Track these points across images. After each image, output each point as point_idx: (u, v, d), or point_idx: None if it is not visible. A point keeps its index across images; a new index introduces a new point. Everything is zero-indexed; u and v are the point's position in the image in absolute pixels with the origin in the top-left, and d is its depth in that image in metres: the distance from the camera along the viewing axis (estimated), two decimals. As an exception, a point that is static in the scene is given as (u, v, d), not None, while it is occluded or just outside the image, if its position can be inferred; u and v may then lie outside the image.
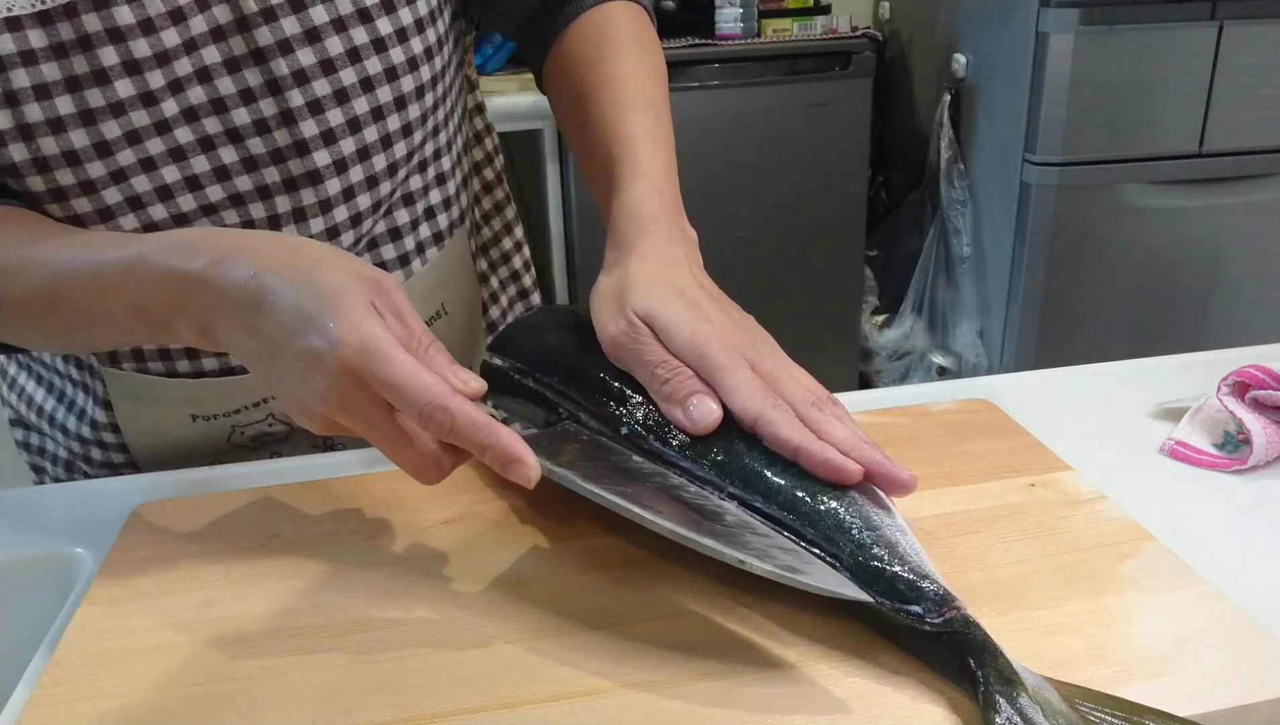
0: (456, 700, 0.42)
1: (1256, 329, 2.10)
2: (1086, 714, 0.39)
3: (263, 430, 0.68)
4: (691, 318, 0.50)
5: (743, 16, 2.11)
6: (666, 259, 0.53)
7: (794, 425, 0.47)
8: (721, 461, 0.48)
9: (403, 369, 0.42)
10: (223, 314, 0.45)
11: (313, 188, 0.60)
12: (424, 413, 0.43)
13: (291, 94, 0.57)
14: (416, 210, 0.67)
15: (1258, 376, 0.62)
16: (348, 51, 0.58)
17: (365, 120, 0.60)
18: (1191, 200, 2.00)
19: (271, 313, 0.44)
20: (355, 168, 0.61)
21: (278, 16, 0.55)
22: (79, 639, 0.47)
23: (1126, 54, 1.88)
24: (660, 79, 0.66)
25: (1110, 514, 0.53)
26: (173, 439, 0.66)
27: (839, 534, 0.45)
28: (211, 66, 0.55)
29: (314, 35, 0.57)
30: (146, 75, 0.54)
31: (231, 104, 0.56)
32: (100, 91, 0.53)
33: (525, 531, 0.53)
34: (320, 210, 0.61)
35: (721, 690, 0.42)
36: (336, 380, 0.43)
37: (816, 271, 2.27)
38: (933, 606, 0.42)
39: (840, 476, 0.46)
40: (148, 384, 0.64)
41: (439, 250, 0.70)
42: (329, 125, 0.59)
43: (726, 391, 0.48)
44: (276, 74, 0.57)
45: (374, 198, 0.63)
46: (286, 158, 0.59)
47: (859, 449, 0.47)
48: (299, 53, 0.56)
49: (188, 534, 0.55)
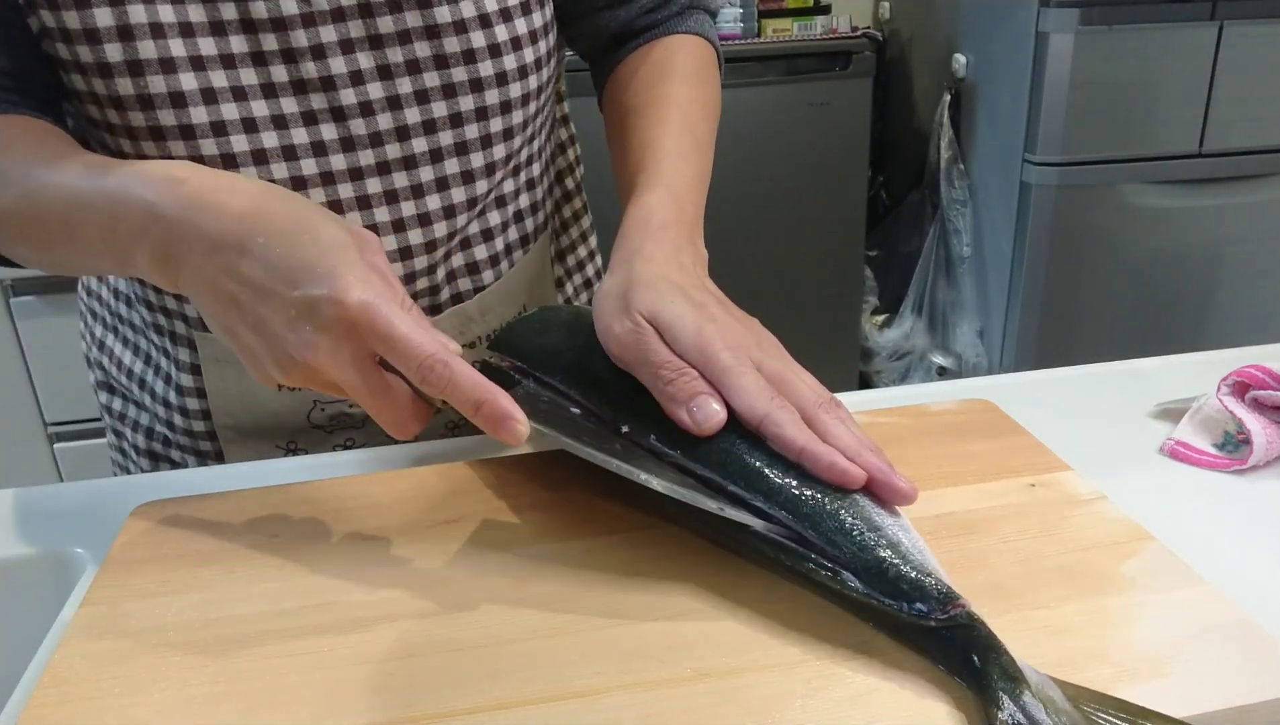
0: (456, 700, 0.42)
1: (1256, 329, 2.10)
2: (1090, 714, 0.39)
3: (342, 410, 0.69)
4: (697, 318, 0.50)
5: (743, 16, 2.11)
6: (672, 262, 0.53)
7: (799, 427, 0.47)
8: (723, 460, 0.48)
9: (405, 325, 0.43)
10: (194, 251, 0.45)
11: (405, 172, 0.61)
12: (424, 366, 0.43)
13: (401, 80, 0.58)
14: (508, 212, 0.68)
15: (1258, 376, 0.62)
16: (464, 52, 0.59)
17: (469, 117, 0.61)
18: (1191, 200, 2.00)
19: (261, 257, 0.44)
20: (451, 160, 0.62)
21: (402, 8, 0.56)
22: (79, 639, 0.47)
23: (1126, 54, 1.88)
24: (708, 112, 0.67)
25: (1110, 514, 0.53)
26: (257, 408, 0.66)
27: (841, 534, 0.45)
28: (327, 44, 0.56)
29: (434, 32, 0.57)
30: (260, 36, 0.54)
31: (340, 83, 0.57)
32: (214, 41, 0.53)
33: (525, 532, 0.53)
34: (413, 194, 0.62)
35: (721, 690, 0.42)
36: (332, 330, 0.43)
37: (816, 271, 2.27)
38: (937, 604, 0.42)
39: (844, 481, 0.46)
40: None
41: (524, 253, 0.71)
42: (431, 115, 0.59)
43: (732, 392, 0.48)
44: (390, 60, 0.57)
45: (469, 194, 0.64)
46: (385, 142, 0.60)
47: (863, 455, 0.47)
48: (416, 44, 0.57)
49: (188, 534, 0.55)
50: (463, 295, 0.68)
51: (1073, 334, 2.09)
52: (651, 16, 0.71)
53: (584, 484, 0.57)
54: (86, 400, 1.92)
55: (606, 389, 0.53)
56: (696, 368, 0.49)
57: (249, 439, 0.69)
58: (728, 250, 2.14)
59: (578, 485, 0.57)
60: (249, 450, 0.70)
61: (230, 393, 0.67)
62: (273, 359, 0.46)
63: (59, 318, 1.84)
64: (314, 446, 0.70)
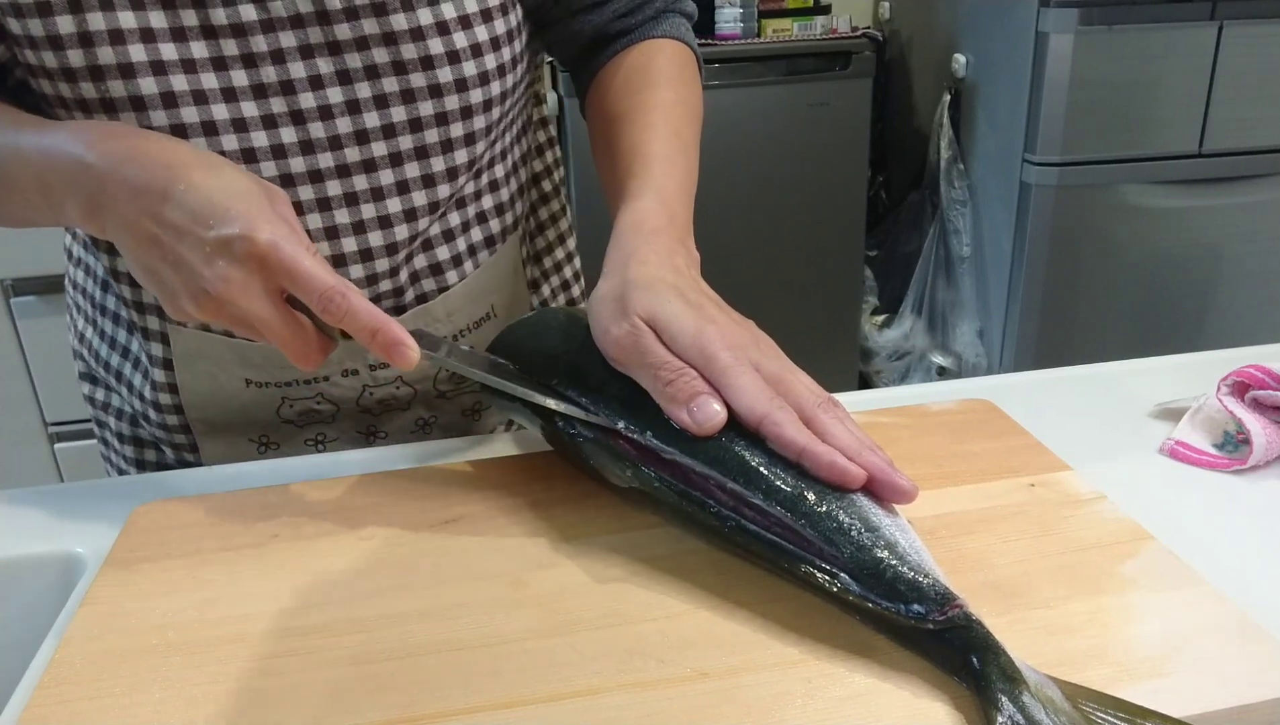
0: (457, 700, 0.42)
1: (1256, 329, 2.10)
2: (1089, 714, 0.39)
3: (311, 407, 0.70)
4: (695, 318, 0.50)
5: (743, 16, 2.11)
6: (666, 265, 0.54)
7: (798, 427, 0.47)
8: (722, 458, 0.48)
9: (308, 261, 0.48)
10: (118, 200, 0.49)
11: (365, 175, 0.62)
12: (324, 296, 0.48)
13: (360, 85, 0.59)
14: (468, 213, 0.69)
15: (1258, 376, 0.62)
16: (421, 58, 0.59)
17: (428, 122, 0.61)
18: (1191, 200, 2.00)
19: (181, 202, 0.48)
20: (411, 164, 0.63)
21: (359, 16, 0.57)
22: (79, 639, 0.47)
23: (1126, 54, 1.88)
24: (692, 116, 0.68)
25: (1110, 514, 0.53)
26: (227, 403, 0.68)
27: (839, 535, 0.45)
28: (286, 50, 0.57)
29: (390, 39, 0.58)
30: (220, 41, 0.56)
31: (300, 87, 0.58)
32: (175, 46, 0.55)
33: (525, 532, 0.53)
34: (373, 197, 0.63)
35: (721, 690, 0.42)
36: (244, 264, 0.48)
37: (816, 271, 2.27)
38: (935, 605, 0.42)
39: (844, 481, 0.46)
40: (208, 343, 0.66)
41: (490, 254, 0.71)
42: (391, 120, 0.60)
43: (732, 392, 0.48)
44: (349, 66, 0.58)
45: (430, 197, 0.64)
46: (344, 145, 0.61)
47: (863, 454, 0.47)
48: (373, 50, 0.58)
49: (188, 534, 0.55)
50: (427, 295, 0.68)
51: (1072, 334, 2.09)
52: (626, 21, 0.71)
53: (584, 484, 0.57)
54: (87, 400, 1.91)
55: (603, 390, 0.53)
56: (696, 367, 0.49)
57: (222, 433, 0.70)
58: (728, 250, 2.14)
59: (577, 485, 0.57)
60: (223, 444, 0.71)
61: (201, 388, 0.68)
62: (188, 293, 0.49)
63: (59, 318, 1.84)
64: (286, 441, 0.71)
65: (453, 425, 0.75)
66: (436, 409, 0.74)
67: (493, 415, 0.78)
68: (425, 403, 0.73)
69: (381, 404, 0.71)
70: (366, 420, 0.72)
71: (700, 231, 0.59)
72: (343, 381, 0.68)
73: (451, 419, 0.75)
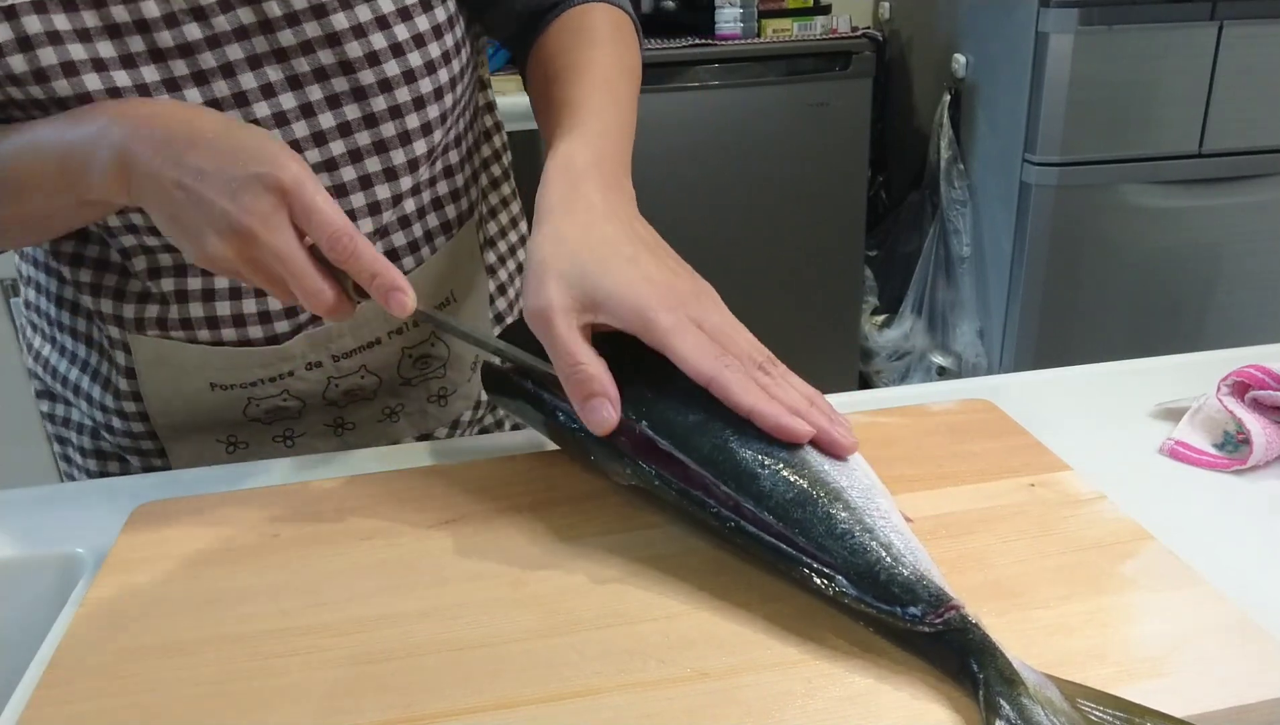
0: (457, 700, 0.42)
1: (1256, 329, 2.10)
2: (1088, 713, 0.39)
3: (277, 404, 0.70)
4: (628, 280, 0.50)
5: (743, 16, 2.11)
6: (597, 209, 0.53)
7: (746, 387, 0.48)
8: (715, 458, 0.48)
9: (325, 198, 0.50)
10: (145, 151, 0.50)
11: (328, 174, 0.63)
12: (332, 236, 0.50)
13: (311, 89, 0.59)
14: (423, 199, 0.69)
15: (1257, 376, 0.62)
16: (367, 55, 0.60)
17: (383, 116, 0.62)
18: (1191, 200, 2.00)
19: (208, 148, 0.50)
20: (372, 159, 0.63)
21: (300, 20, 0.57)
22: (79, 639, 0.47)
23: (1126, 54, 1.88)
24: (628, 73, 0.67)
25: (1110, 514, 0.53)
26: (192, 407, 0.68)
27: (832, 539, 0.45)
28: (235, 62, 0.58)
29: (334, 39, 0.59)
30: (170, 63, 0.56)
31: (253, 97, 0.59)
32: (127, 73, 0.56)
33: (525, 532, 0.53)
34: (336, 194, 0.63)
35: (721, 690, 0.42)
36: (266, 197, 0.49)
37: (816, 271, 2.27)
38: (929, 608, 0.42)
39: (791, 437, 0.48)
40: (170, 350, 0.66)
41: (447, 240, 0.72)
42: (345, 118, 0.61)
43: (677, 357, 0.49)
44: (298, 71, 0.59)
45: (394, 190, 0.65)
46: (303, 149, 0.61)
47: (810, 414, 0.49)
48: (320, 53, 0.59)
49: (188, 534, 0.55)
50: None
51: (1072, 334, 2.09)
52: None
53: (584, 484, 0.57)
54: (86, 400, 1.90)
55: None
56: (636, 333, 0.49)
57: (189, 435, 0.70)
58: (728, 250, 2.14)
59: (577, 485, 0.57)
60: (191, 447, 0.71)
61: (165, 394, 0.68)
62: (214, 230, 0.50)
63: (59, 318, 1.84)
64: (254, 439, 0.71)
65: (419, 412, 0.75)
66: (402, 396, 0.74)
67: (459, 401, 0.78)
68: (391, 391, 0.73)
69: (348, 396, 0.72)
70: (333, 412, 0.72)
71: (701, 231, 0.59)
72: (307, 375, 0.69)
73: (418, 406, 0.75)
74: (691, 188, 2.04)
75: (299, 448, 0.72)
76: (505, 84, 1.98)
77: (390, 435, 0.75)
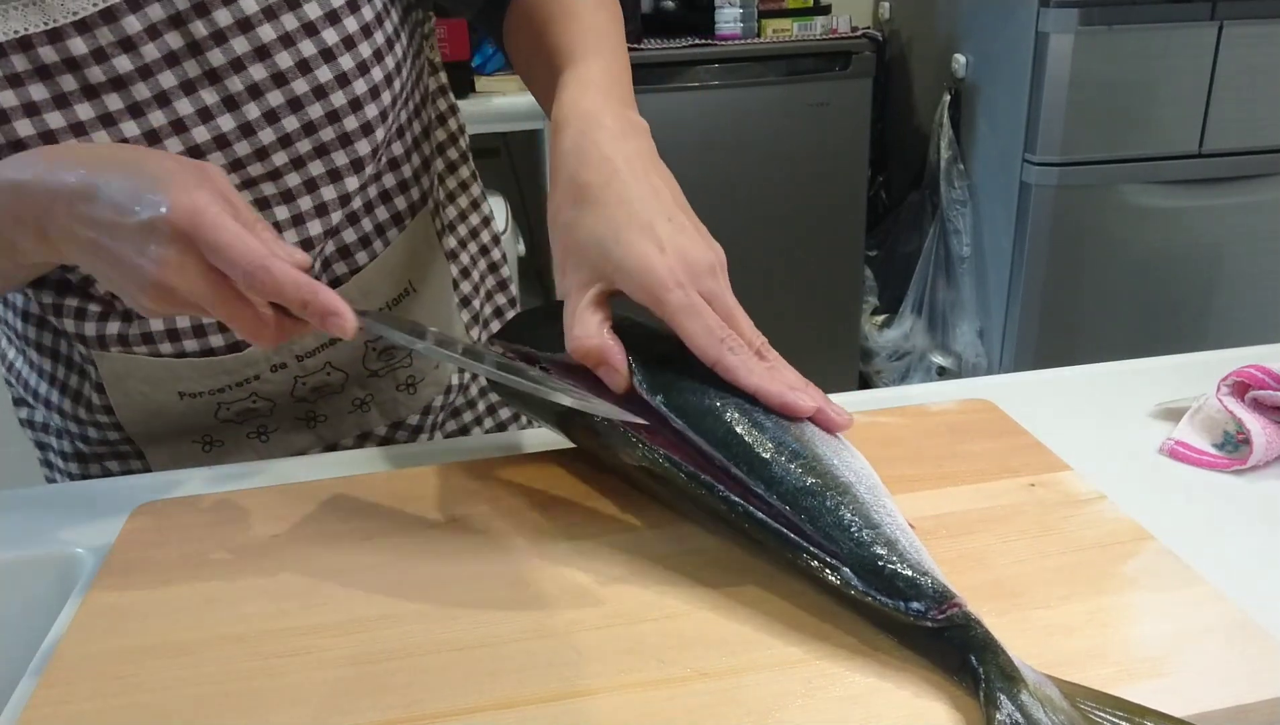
0: (457, 700, 0.42)
1: (1256, 329, 2.10)
2: (1088, 712, 0.39)
3: (247, 407, 0.70)
4: (643, 252, 0.50)
5: (743, 16, 2.11)
6: (612, 159, 0.53)
7: (750, 368, 0.50)
8: (728, 441, 0.49)
9: (229, 232, 0.46)
10: (56, 211, 0.48)
11: (273, 182, 0.62)
12: (247, 273, 0.46)
13: (248, 107, 0.59)
14: (369, 194, 0.69)
15: (1258, 376, 0.62)
16: (298, 64, 0.59)
17: (320, 123, 0.61)
18: (1191, 200, 2.00)
19: (105, 198, 0.47)
20: (314, 162, 0.63)
21: (227, 38, 0.57)
22: (79, 639, 0.47)
23: (1126, 54, 1.88)
24: (616, 20, 0.67)
25: (1110, 514, 0.53)
26: (164, 416, 0.68)
27: (839, 530, 0.45)
28: (169, 90, 0.57)
29: (264, 52, 0.58)
30: (104, 98, 0.55)
31: (190, 123, 0.58)
32: (60, 114, 0.55)
33: (525, 532, 0.53)
34: (283, 200, 0.63)
35: (721, 690, 0.42)
36: (171, 246, 0.46)
37: (816, 271, 2.27)
38: (933, 603, 0.42)
39: (795, 412, 0.50)
40: (135, 364, 0.66)
41: (400, 231, 0.71)
42: (285, 131, 0.61)
43: (684, 335, 0.50)
44: (232, 90, 0.58)
45: (339, 191, 0.65)
46: (246, 164, 0.61)
47: (810, 391, 0.51)
48: (250, 70, 0.58)
49: (188, 534, 0.55)
50: (340, 279, 0.69)
51: (1072, 334, 2.09)
52: None
53: (584, 484, 0.57)
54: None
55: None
56: (647, 307, 0.50)
57: (164, 441, 0.70)
58: (727, 250, 2.13)
59: (578, 485, 0.57)
60: (168, 449, 0.71)
61: (135, 405, 0.68)
62: (138, 287, 0.48)
63: (59, 318, 1.84)
64: (228, 438, 0.71)
65: (390, 401, 0.75)
66: (370, 388, 0.74)
67: (428, 387, 0.78)
68: (359, 383, 0.73)
69: (316, 392, 0.72)
70: (304, 407, 0.72)
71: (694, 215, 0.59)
72: (273, 377, 0.68)
73: (387, 395, 0.75)
74: (691, 188, 2.03)
75: (274, 443, 0.72)
76: (505, 84, 1.98)
77: (363, 425, 0.75)
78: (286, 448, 0.73)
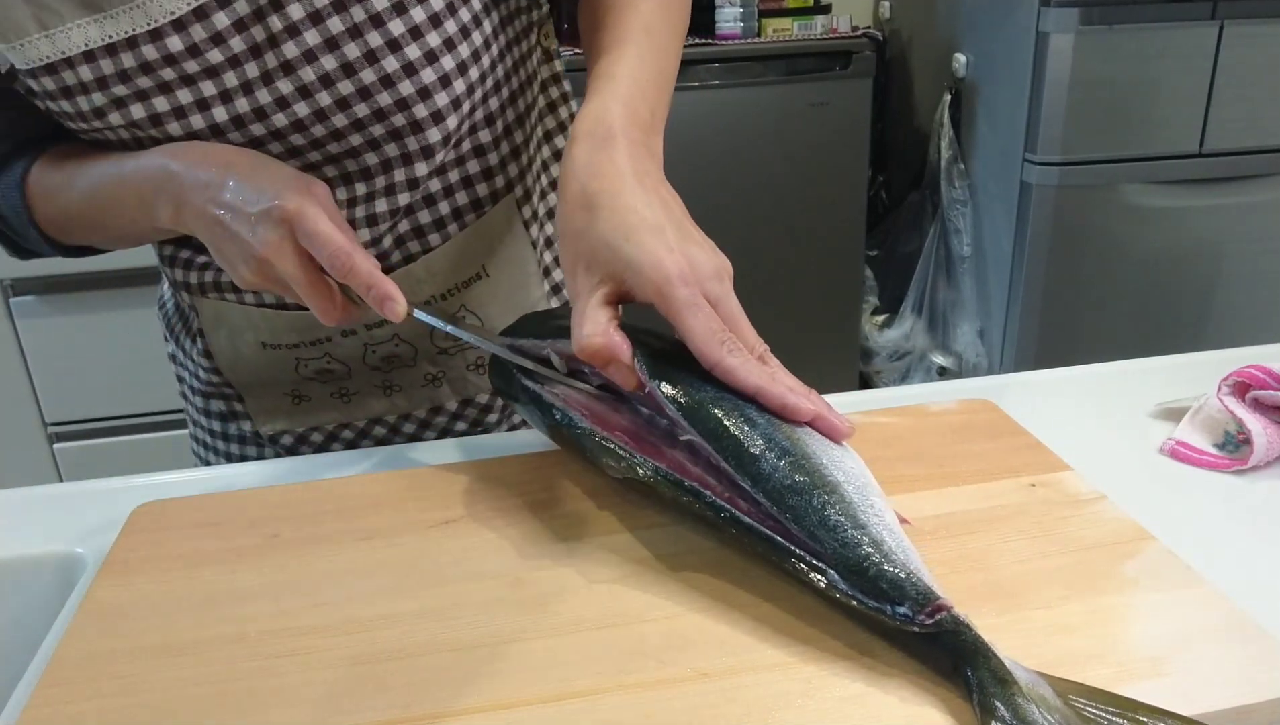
0: (456, 700, 0.42)
1: (1256, 329, 2.10)
2: (1081, 709, 0.39)
3: (324, 367, 0.74)
4: (652, 250, 0.52)
5: (743, 16, 2.11)
6: (625, 175, 0.55)
7: (750, 368, 0.51)
8: (718, 434, 0.49)
9: (324, 224, 0.57)
10: (194, 195, 0.60)
11: (353, 159, 0.67)
12: (331, 254, 0.57)
13: (320, 95, 0.63)
14: (449, 179, 0.71)
15: (1258, 376, 0.62)
16: (364, 55, 0.62)
17: (390, 110, 0.64)
18: (1191, 200, 2.00)
19: (234, 189, 0.59)
20: (390, 145, 0.66)
21: (300, 31, 0.61)
22: (79, 639, 0.47)
23: (1126, 54, 1.88)
24: (671, 24, 0.68)
25: (1110, 514, 0.53)
26: (251, 363, 0.75)
27: (823, 531, 0.45)
28: (252, 80, 0.62)
29: (333, 44, 0.61)
30: (200, 85, 0.61)
31: (270, 110, 0.63)
32: (165, 99, 0.61)
33: (525, 532, 0.53)
34: (359, 178, 0.68)
35: (721, 690, 0.42)
36: (276, 230, 0.57)
37: (816, 271, 2.27)
38: (918, 606, 0.42)
39: (795, 415, 0.51)
40: (225, 310, 0.72)
41: (478, 217, 0.73)
42: (356, 116, 0.64)
43: (686, 332, 0.51)
44: (305, 80, 0.62)
45: (407, 175, 0.68)
46: (324, 144, 0.65)
47: (810, 396, 0.52)
48: (322, 60, 0.62)
49: (188, 534, 0.55)
50: (412, 256, 0.72)
51: (1073, 334, 2.09)
52: None
53: (583, 484, 0.57)
54: (86, 400, 1.92)
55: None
56: (653, 304, 0.52)
57: (256, 389, 0.77)
58: (727, 250, 2.13)
59: (577, 485, 0.57)
60: (261, 397, 0.77)
61: (226, 350, 0.75)
62: (243, 259, 0.59)
63: (59, 318, 1.84)
64: (314, 394, 0.76)
65: (460, 379, 0.78)
66: (441, 364, 0.77)
67: None
68: (429, 358, 0.76)
69: (388, 362, 0.75)
70: (380, 376, 0.76)
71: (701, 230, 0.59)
72: (344, 341, 0.73)
73: (458, 373, 0.78)
74: (691, 188, 2.03)
75: (354, 405, 0.76)
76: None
77: (435, 399, 0.78)
78: (366, 412, 0.77)
